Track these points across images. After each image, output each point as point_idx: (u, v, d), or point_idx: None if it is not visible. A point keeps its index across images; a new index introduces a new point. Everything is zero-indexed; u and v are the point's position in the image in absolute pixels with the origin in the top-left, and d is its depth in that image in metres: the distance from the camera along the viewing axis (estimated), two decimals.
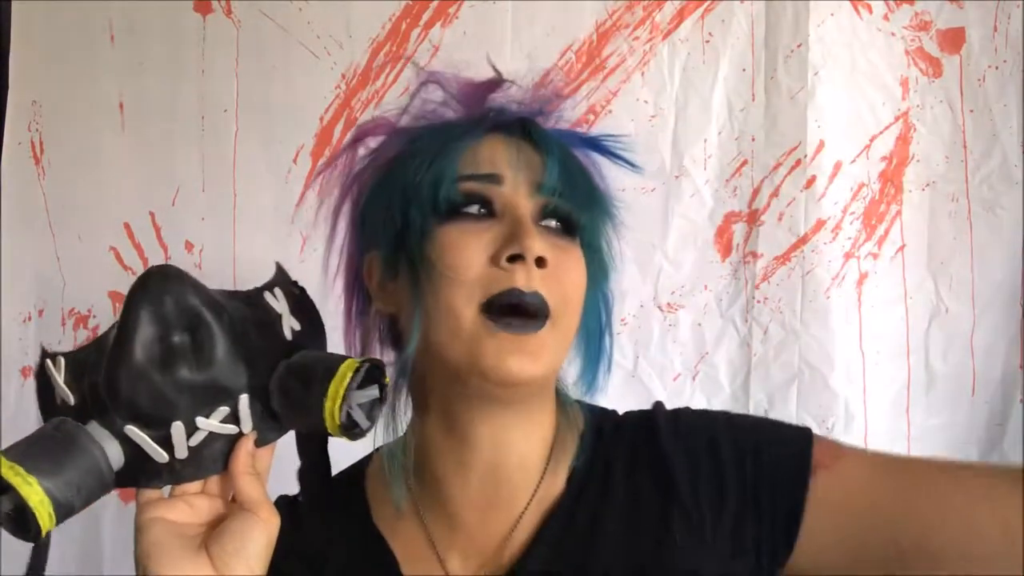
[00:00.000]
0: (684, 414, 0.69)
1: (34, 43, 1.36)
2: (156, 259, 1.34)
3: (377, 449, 0.71)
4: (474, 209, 0.62)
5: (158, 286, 0.55)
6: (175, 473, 0.57)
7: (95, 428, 0.55)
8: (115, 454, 0.55)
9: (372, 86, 1.29)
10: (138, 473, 0.56)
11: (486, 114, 0.67)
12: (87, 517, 1.28)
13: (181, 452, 0.56)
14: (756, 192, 1.23)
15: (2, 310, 1.36)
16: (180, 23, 1.32)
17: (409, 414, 0.68)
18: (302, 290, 0.65)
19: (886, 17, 1.20)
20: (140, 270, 1.36)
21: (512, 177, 0.63)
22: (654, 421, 0.68)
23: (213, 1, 1.32)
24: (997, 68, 1.18)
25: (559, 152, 0.65)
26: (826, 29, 1.20)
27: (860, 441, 1.21)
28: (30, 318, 1.37)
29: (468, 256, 0.60)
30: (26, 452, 0.52)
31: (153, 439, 0.55)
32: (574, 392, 0.69)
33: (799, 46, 1.20)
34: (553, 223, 0.64)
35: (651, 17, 1.24)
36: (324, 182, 0.71)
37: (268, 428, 0.58)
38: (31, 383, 1.36)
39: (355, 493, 0.70)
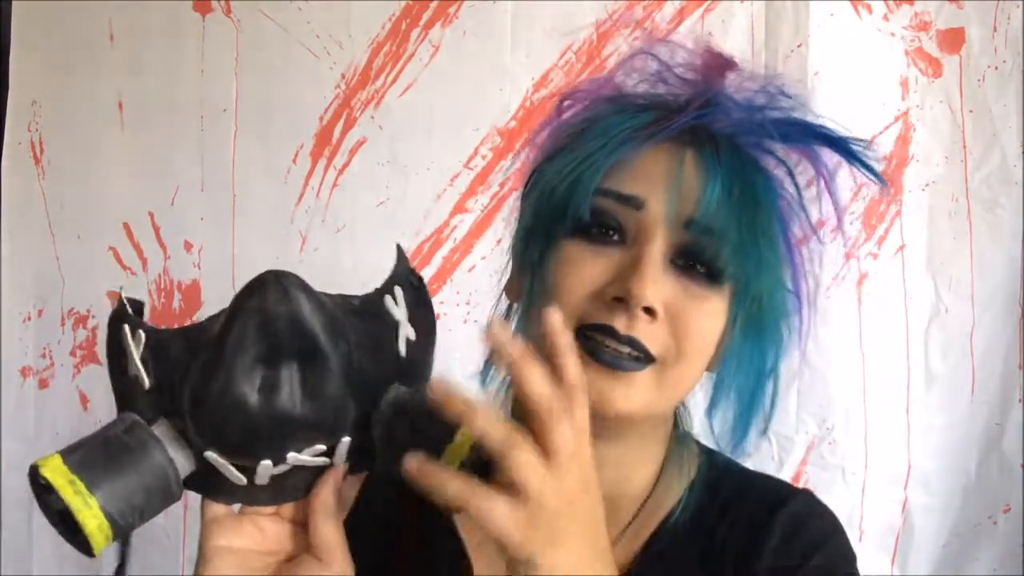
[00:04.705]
0: (811, 533, 0.62)
1: (34, 43, 1.36)
2: (155, 259, 1.34)
3: None
4: (601, 231, 0.56)
5: (273, 299, 0.46)
6: (251, 496, 0.51)
7: (168, 433, 0.48)
8: (187, 465, 0.48)
9: (372, 86, 1.29)
10: (210, 487, 0.51)
11: (668, 120, 0.57)
12: None
13: (262, 480, 0.50)
14: None
15: (2, 310, 1.36)
16: (180, 23, 1.32)
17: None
18: (420, 281, 0.56)
19: (886, 17, 1.20)
20: (139, 270, 1.39)
21: (657, 203, 0.56)
22: (776, 513, 0.61)
23: (212, 1, 1.31)
24: (997, 68, 1.18)
25: (729, 181, 0.56)
26: (826, 29, 1.20)
27: (860, 441, 1.21)
28: (30, 318, 1.37)
29: (576, 283, 0.56)
30: (89, 460, 0.45)
31: (234, 465, 0.49)
32: (714, 441, 0.64)
33: (799, 46, 1.20)
34: (695, 264, 0.56)
35: (651, 17, 1.23)
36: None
37: (362, 461, 0.51)
38: (31, 383, 1.38)
39: None
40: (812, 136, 0.61)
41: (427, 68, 1.27)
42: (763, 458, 1.22)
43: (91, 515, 0.44)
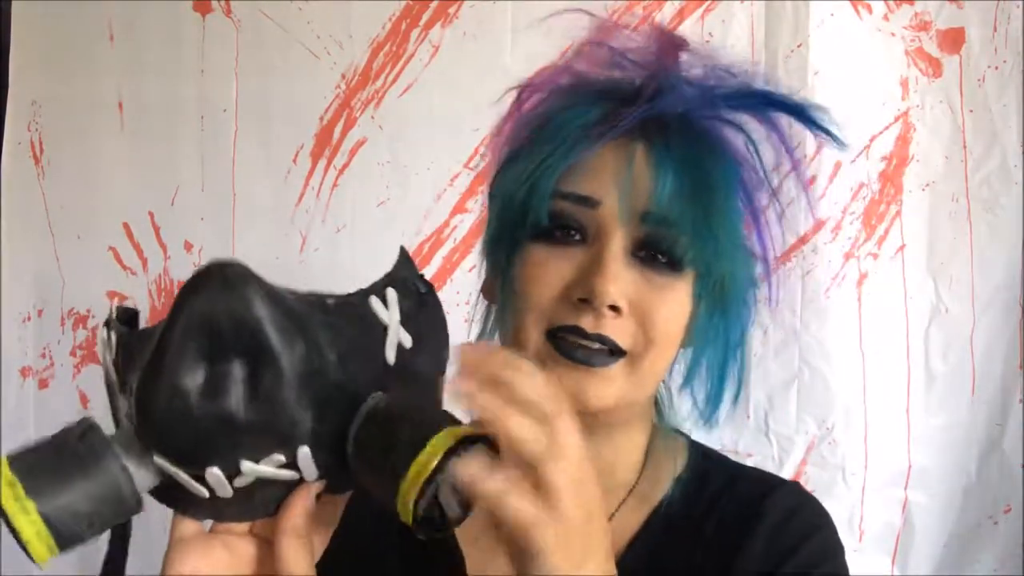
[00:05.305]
0: (801, 524, 0.63)
1: (34, 43, 1.36)
2: (155, 259, 1.34)
3: None
4: (563, 232, 0.58)
5: (215, 292, 0.42)
6: (217, 510, 0.47)
7: (127, 440, 0.45)
8: (146, 477, 0.45)
9: (372, 86, 1.29)
10: (174, 499, 0.48)
11: (618, 115, 0.59)
12: None
13: (223, 492, 0.46)
14: None
15: (2, 310, 1.36)
16: (180, 23, 1.32)
17: None
18: (429, 288, 0.52)
19: (886, 17, 1.20)
20: (139, 270, 1.39)
21: (611, 201, 0.57)
22: (765, 504, 0.63)
23: (213, 1, 1.31)
24: (997, 68, 1.18)
25: (680, 171, 0.57)
26: (826, 29, 1.20)
27: (860, 441, 1.21)
28: (30, 318, 1.37)
29: (542, 286, 0.57)
30: (37, 466, 0.43)
31: (189, 475, 0.45)
32: (690, 424, 0.66)
33: (799, 46, 1.20)
34: (655, 255, 0.58)
35: (651, 17, 1.23)
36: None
37: (341, 478, 0.47)
38: (31, 383, 1.38)
39: None
40: (767, 103, 0.63)
41: (427, 68, 1.27)
42: (763, 458, 1.22)
43: (28, 521, 0.41)
